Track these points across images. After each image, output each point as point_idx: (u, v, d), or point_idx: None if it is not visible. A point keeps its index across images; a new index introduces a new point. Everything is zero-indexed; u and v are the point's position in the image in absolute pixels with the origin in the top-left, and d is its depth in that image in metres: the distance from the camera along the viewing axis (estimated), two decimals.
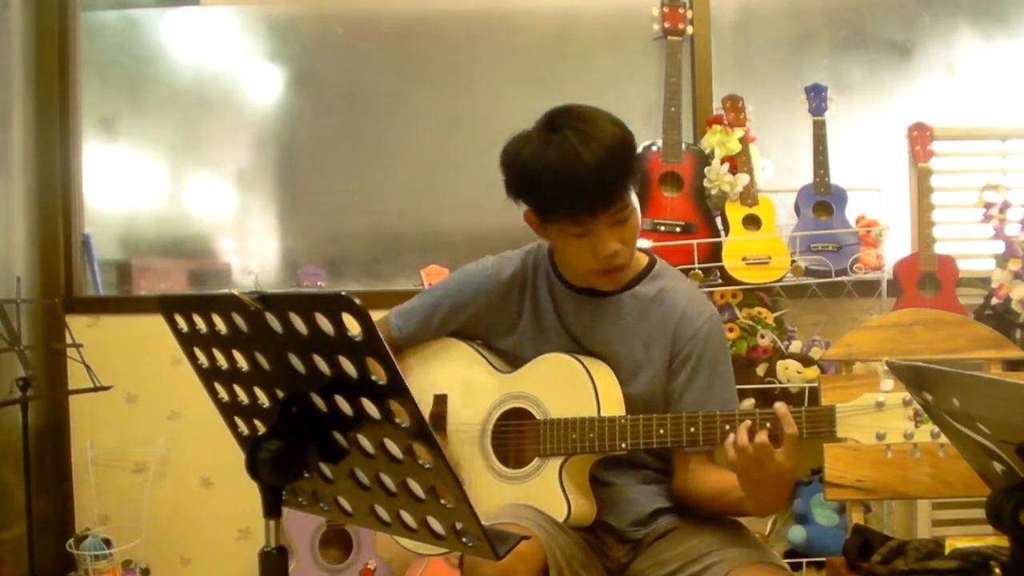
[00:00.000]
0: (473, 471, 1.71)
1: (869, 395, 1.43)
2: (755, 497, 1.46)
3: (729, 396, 1.68)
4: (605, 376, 1.64)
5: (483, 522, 1.00)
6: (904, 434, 1.40)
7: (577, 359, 1.64)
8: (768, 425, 1.44)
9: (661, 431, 1.55)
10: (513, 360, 1.73)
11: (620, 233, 1.56)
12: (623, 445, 1.57)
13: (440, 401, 1.75)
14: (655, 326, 1.66)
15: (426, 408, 1.76)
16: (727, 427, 1.49)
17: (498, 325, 1.75)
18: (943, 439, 1.34)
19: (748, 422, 1.44)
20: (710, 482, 1.61)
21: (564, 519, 1.58)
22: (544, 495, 1.61)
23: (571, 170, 1.48)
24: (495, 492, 1.66)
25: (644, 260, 1.72)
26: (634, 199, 1.58)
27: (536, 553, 1.45)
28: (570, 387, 1.62)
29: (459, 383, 1.76)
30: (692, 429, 1.53)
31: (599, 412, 1.59)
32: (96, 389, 2.53)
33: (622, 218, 1.55)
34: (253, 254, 3.18)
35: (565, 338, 1.69)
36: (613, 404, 1.61)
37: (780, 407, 1.44)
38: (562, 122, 1.54)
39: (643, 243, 2.63)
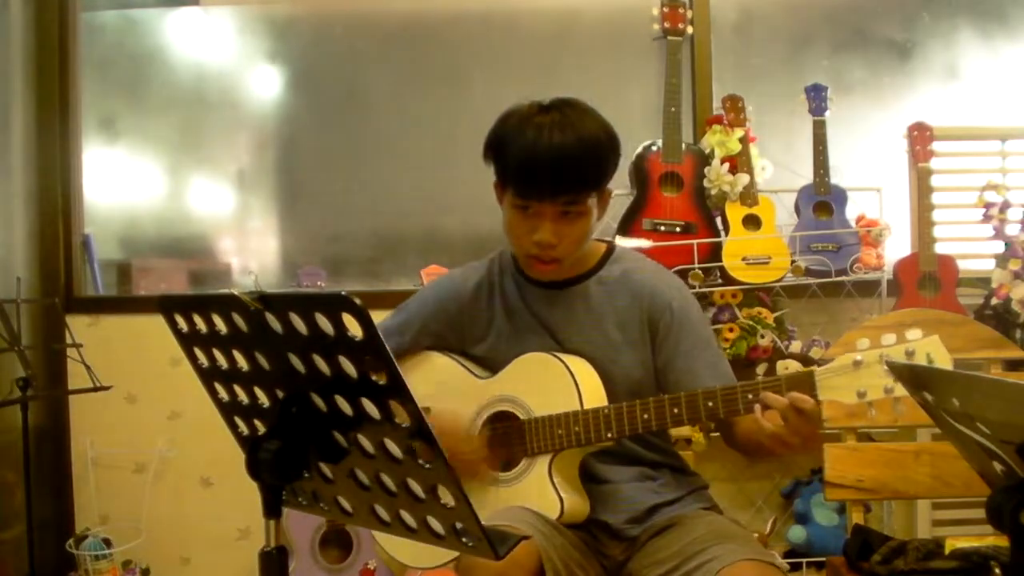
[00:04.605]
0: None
1: (846, 355, 1.43)
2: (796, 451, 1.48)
3: (717, 358, 1.68)
4: (584, 369, 1.64)
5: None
6: (884, 389, 1.40)
7: (554, 356, 1.64)
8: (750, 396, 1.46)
9: (645, 416, 1.55)
10: (491, 365, 1.74)
11: (561, 227, 1.58)
12: (609, 435, 1.58)
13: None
14: (626, 306, 1.67)
15: None
16: (710, 403, 1.51)
17: (471, 332, 1.77)
18: None
19: (768, 393, 1.44)
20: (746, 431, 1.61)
21: (557, 516, 1.58)
22: (535, 494, 1.61)
23: (533, 144, 1.53)
24: (489, 496, 1.66)
25: (602, 248, 1.74)
26: (593, 206, 1.60)
27: (531, 555, 1.45)
28: (550, 384, 1.63)
29: (440, 394, 1.75)
30: (676, 410, 1.54)
31: (582, 405, 1.59)
32: (96, 389, 2.53)
33: (569, 212, 1.57)
34: (253, 254, 3.18)
35: (541, 333, 1.70)
36: (595, 396, 1.62)
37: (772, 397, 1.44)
38: (556, 104, 1.59)
39: (644, 243, 2.63)
